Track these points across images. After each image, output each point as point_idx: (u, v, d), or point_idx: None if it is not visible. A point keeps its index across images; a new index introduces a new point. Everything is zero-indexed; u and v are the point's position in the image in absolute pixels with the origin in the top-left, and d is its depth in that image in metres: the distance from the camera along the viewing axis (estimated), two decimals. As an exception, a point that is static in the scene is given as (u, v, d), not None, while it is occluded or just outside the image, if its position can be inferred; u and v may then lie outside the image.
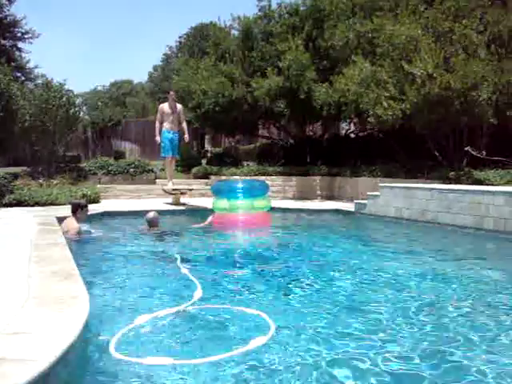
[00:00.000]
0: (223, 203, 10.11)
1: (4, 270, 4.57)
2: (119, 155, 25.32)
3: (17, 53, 32.24)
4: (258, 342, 3.42)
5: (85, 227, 8.35)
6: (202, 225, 9.72)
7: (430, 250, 7.50)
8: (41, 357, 2.40)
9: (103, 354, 3.22)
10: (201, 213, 10.56)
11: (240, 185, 10.42)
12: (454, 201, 9.05)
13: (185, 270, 5.73)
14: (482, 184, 10.72)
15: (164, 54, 47.30)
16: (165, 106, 13.17)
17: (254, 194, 10.19)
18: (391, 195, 10.57)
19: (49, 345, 2.58)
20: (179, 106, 13.42)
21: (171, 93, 13.65)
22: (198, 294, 4.65)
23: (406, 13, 12.81)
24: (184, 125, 13.32)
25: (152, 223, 8.87)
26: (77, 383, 2.87)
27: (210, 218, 9.93)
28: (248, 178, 15.26)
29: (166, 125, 13.05)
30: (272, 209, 11.61)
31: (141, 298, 4.73)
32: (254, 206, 10.01)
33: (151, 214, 8.92)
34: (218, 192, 10.66)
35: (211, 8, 70.08)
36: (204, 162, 19.39)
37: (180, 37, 40.29)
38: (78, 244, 7.32)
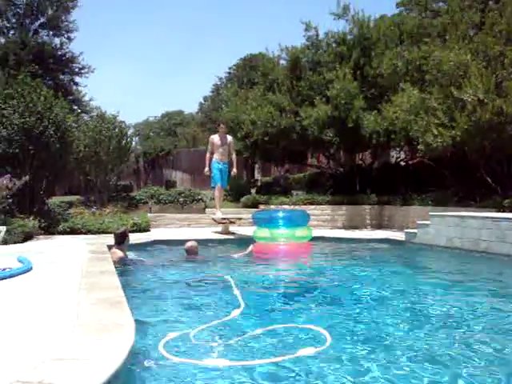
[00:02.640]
0: (264, 232, 10.11)
1: (55, 297, 4.69)
2: (170, 184, 25.79)
3: (74, 87, 33.56)
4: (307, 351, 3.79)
5: (131, 255, 8.50)
6: (242, 254, 9.73)
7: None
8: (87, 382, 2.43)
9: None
10: (249, 241, 10.56)
11: (281, 214, 10.40)
12: (509, 229, 8.76)
13: (236, 291, 5.99)
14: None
15: (214, 85, 48.17)
16: (215, 138, 13.30)
17: (294, 223, 10.15)
18: (442, 224, 10.33)
19: (94, 371, 2.61)
20: (229, 138, 13.53)
21: (221, 125, 13.78)
22: (238, 311, 5.02)
23: (455, 38, 12.68)
24: (233, 157, 13.42)
25: (190, 252, 9.03)
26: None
27: (250, 248, 9.93)
28: (297, 207, 15.24)
29: (216, 156, 13.16)
30: (321, 238, 11.52)
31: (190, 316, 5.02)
32: (294, 236, 9.96)
33: (189, 244, 9.10)
34: (258, 221, 10.66)
35: (260, 39, 71.25)
36: (253, 191, 19.45)
37: (229, 68, 41.04)
38: (126, 272, 7.44)
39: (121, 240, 8.33)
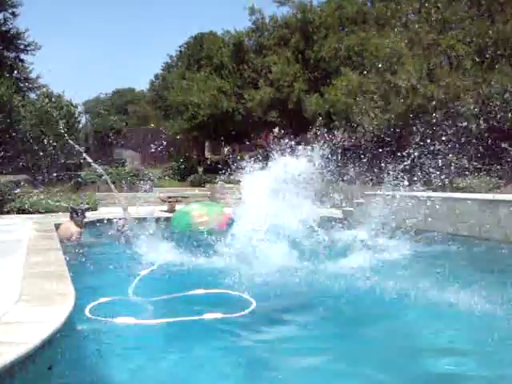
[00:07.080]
0: None
1: (2, 272, 5.03)
2: (120, 163, 25.82)
3: (20, 64, 32.77)
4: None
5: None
6: None
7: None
8: (29, 340, 2.85)
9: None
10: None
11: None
12: (432, 207, 9.45)
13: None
14: (464, 191, 11.09)
15: (165, 63, 47.75)
16: None
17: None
18: (374, 202, 10.97)
19: (37, 331, 3.03)
20: None
21: None
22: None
23: (392, 24, 13.26)
24: None
25: (119, 229, 9.41)
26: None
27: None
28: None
29: None
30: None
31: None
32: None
33: (120, 222, 9.48)
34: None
35: (211, 17, 70.87)
36: (201, 169, 19.80)
37: (180, 46, 40.75)
38: (73, 248, 7.78)
39: (75, 216, 8.52)
